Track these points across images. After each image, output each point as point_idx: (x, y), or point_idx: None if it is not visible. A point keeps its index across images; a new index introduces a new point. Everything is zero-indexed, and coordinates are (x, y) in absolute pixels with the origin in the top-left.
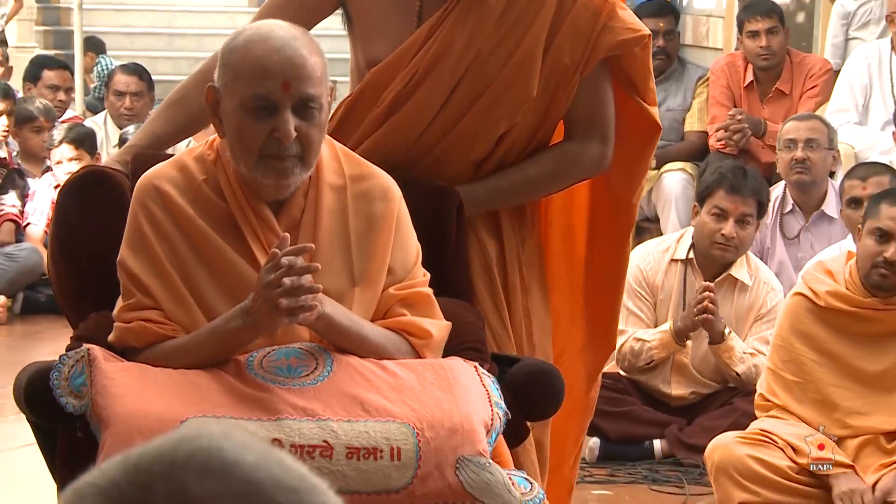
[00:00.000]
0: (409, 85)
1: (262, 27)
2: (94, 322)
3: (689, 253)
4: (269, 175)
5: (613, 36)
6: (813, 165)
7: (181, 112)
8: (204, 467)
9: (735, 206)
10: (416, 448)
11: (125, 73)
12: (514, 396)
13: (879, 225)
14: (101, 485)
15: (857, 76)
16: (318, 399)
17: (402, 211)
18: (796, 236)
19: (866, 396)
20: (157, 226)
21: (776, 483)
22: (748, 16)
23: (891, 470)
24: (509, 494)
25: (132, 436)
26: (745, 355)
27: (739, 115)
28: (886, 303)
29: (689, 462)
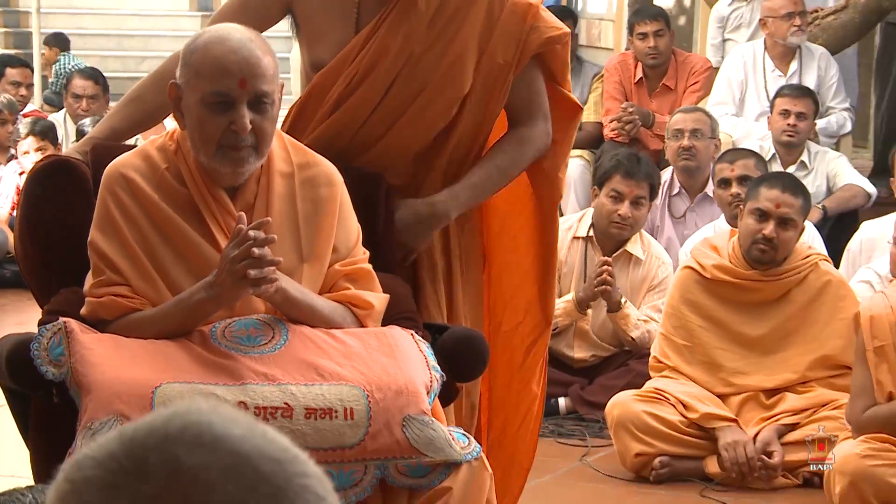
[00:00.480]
0: (349, 86)
1: (221, 30)
2: (63, 297)
3: (589, 231)
4: (227, 163)
5: (540, 35)
6: (697, 153)
7: (137, 109)
8: (195, 440)
9: (630, 189)
10: (367, 408)
11: (82, 78)
12: (445, 360)
13: (759, 205)
14: (98, 457)
15: (734, 73)
16: (277, 365)
17: (344, 195)
18: (683, 216)
19: (748, 358)
20: (125, 210)
21: (668, 435)
22: (637, 19)
23: (769, 423)
24: (451, 448)
25: (111, 400)
26: (639, 322)
27: (630, 108)
28: (765, 274)
29: (591, 417)
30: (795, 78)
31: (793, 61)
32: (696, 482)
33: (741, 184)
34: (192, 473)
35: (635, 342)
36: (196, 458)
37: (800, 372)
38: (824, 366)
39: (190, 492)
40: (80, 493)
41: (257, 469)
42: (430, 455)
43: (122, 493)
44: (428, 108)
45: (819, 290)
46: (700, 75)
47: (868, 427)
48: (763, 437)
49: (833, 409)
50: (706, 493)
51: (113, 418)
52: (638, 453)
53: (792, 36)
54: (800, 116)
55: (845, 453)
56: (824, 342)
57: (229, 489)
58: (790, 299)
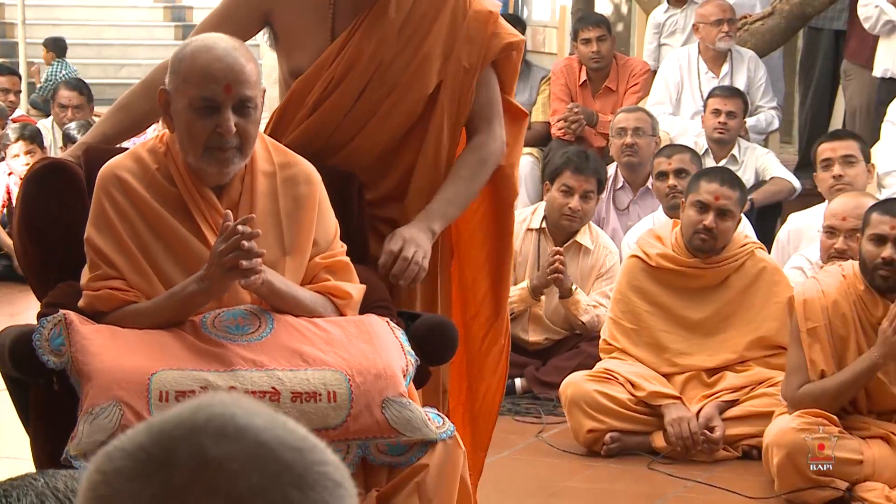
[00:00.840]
0: (326, 90)
1: (207, 39)
2: (61, 291)
3: (541, 223)
4: (213, 164)
5: (500, 41)
6: (640, 149)
7: (127, 116)
8: (220, 431)
9: (580, 183)
10: (349, 392)
11: (68, 89)
12: (418, 345)
13: (699, 198)
14: (128, 448)
15: (671, 75)
16: (264, 352)
17: (323, 193)
18: (626, 208)
19: (690, 340)
20: (119, 208)
21: (618, 413)
22: (581, 26)
23: (711, 400)
24: (427, 428)
25: (111, 387)
26: (588, 307)
27: (576, 108)
28: (705, 262)
29: (545, 396)
30: (727, 79)
31: (724, 64)
32: (644, 455)
33: (677, 176)
34: (218, 463)
35: (585, 326)
36: (221, 448)
37: (738, 352)
38: (761, 346)
39: (216, 480)
40: (111, 483)
41: (279, 458)
42: (408, 434)
43: (151, 483)
44: (395, 109)
45: (755, 276)
46: (639, 77)
47: (802, 403)
48: (705, 413)
49: (769, 387)
50: (653, 466)
51: (112, 403)
52: (590, 429)
53: (720, 41)
54: (730, 115)
55: (782, 427)
56: (760, 324)
57: (253, 478)
58: (729, 285)
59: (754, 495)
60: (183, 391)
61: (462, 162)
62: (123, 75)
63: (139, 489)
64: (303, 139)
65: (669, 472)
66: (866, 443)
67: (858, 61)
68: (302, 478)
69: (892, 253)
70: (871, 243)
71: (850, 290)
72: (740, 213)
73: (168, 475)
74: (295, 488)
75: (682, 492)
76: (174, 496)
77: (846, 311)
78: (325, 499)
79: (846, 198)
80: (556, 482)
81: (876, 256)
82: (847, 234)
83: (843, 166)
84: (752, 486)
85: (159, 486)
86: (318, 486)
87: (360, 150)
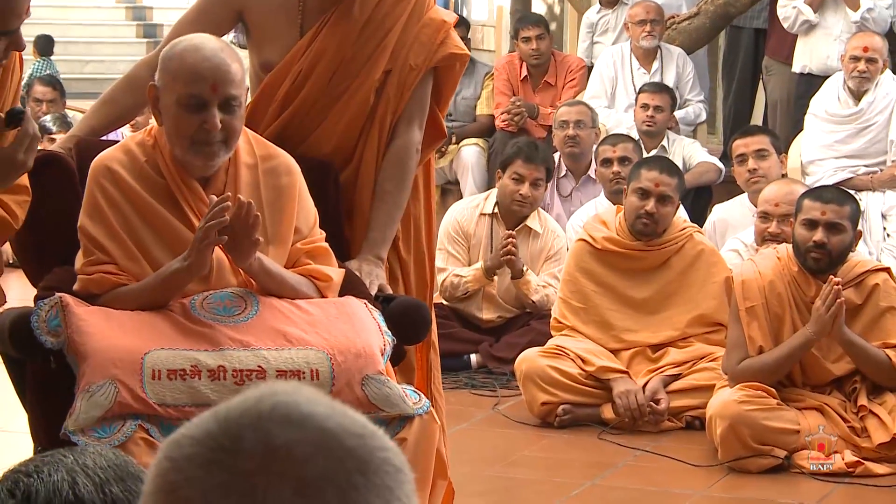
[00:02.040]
0: (295, 83)
1: (195, 39)
2: (56, 275)
3: (494, 209)
4: (199, 157)
5: (447, 49)
6: (581, 140)
7: (112, 110)
8: (285, 419)
9: (530, 172)
10: (331, 369)
11: (42, 84)
12: (394, 326)
13: (640, 185)
14: (197, 435)
15: (605, 70)
16: (250, 333)
17: (302, 183)
18: (569, 195)
19: (635, 317)
20: (110, 198)
21: (569, 386)
22: (522, 25)
23: (656, 374)
24: (404, 404)
25: (106, 366)
26: (538, 287)
27: (518, 102)
28: (648, 245)
29: (499, 371)
30: (657, 75)
31: (655, 61)
32: (594, 426)
33: (621, 164)
34: (286, 449)
35: (535, 304)
36: (288, 434)
37: (680, 329)
38: (701, 323)
39: (285, 466)
40: (181, 470)
41: (343, 444)
42: (387, 410)
43: (220, 469)
44: (352, 99)
45: (694, 257)
46: (576, 73)
47: (742, 377)
48: (651, 387)
49: (710, 362)
50: (603, 436)
51: (108, 381)
52: (543, 402)
53: (643, 40)
54: (657, 109)
55: (724, 400)
56: (700, 303)
57: (320, 463)
58: (670, 266)
59: (699, 463)
60: (174, 370)
61: (386, 175)
62: (88, 71)
63: (208, 475)
64: (278, 131)
65: (618, 442)
66: (802, 413)
67: (779, 58)
68: (366, 463)
69: (822, 237)
70: (803, 228)
71: (784, 271)
72: (679, 199)
73: (237, 461)
74: (359, 473)
75: (631, 461)
76: (243, 481)
77: (781, 291)
78: (387, 483)
79: (778, 185)
80: (513, 452)
81: (808, 240)
82: (780, 219)
83: (757, 160)
84: (696, 454)
85: (228, 472)
86: (380, 471)
87: (320, 140)
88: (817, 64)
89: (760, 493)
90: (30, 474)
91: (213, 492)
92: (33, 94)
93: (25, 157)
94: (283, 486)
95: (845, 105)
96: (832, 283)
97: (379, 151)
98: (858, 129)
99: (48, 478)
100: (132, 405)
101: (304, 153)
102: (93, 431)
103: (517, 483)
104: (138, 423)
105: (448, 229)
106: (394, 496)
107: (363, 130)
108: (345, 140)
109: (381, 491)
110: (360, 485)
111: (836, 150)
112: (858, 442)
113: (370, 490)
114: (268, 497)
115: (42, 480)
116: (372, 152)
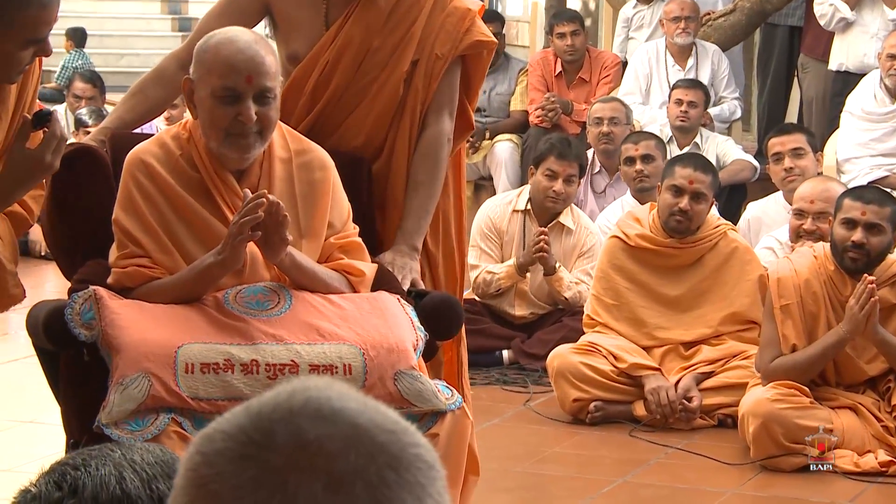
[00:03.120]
0: (322, 75)
1: (229, 32)
2: (90, 268)
3: (527, 205)
4: (234, 149)
5: (472, 37)
6: (615, 137)
7: (140, 102)
8: (317, 414)
9: (563, 168)
10: (364, 365)
11: (82, 81)
12: (426, 321)
13: (674, 182)
14: (228, 430)
15: (640, 67)
16: (283, 327)
17: (336, 178)
18: (603, 191)
19: (667, 315)
20: (144, 192)
21: (601, 383)
22: (557, 21)
23: (688, 371)
24: (437, 399)
25: (139, 359)
26: (571, 284)
27: (552, 98)
28: (681, 242)
29: (530, 367)
30: (692, 72)
31: (689, 57)
32: (626, 423)
33: (644, 161)
34: (318, 444)
35: (568, 301)
36: (319, 429)
37: (713, 327)
38: (734, 321)
39: (315, 461)
40: (213, 464)
41: (374, 439)
42: (419, 405)
43: (252, 463)
44: (381, 91)
45: (728, 255)
46: (610, 69)
47: (775, 375)
48: (683, 385)
49: (743, 360)
50: (634, 433)
51: (141, 374)
52: (575, 399)
53: (677, 37)
54: (691, 105)
55: (757, 398)
56: (733, 300)
57: (351, 458)
58: (703, 263)
59: (731, 461)
60: (207, 363)
61: (418, 166)
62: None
63: (240, 470)
64: (309, 124)
65: (650, 440)
66: (835, 413)
67: (814, 55)
68: (397, 459)
69: (861, 237)
70: (842, 227)
71: (820, 269)
72: (713, 196)
73: (268, 456)
74: (391, 469)
75: (662, 458)
76: (274, 476)
77: (817, 290)
78: (418, 480)
79: (814, 182)
80: (544, 448)
81: (846, 239)
82: (815, 216)
83: (793, 158)
84: (728, 452)
85: (259, 466)
86: (412, 467)
87: (350, 132)
88: (854, 61)
89: (792, 492)
90: (77, 467)
91: (243, 486)
92: (73, 90)
93: (53, 158)
94: (313, 482)
95: (881, 103)
96: (866, 282)
97: (410, 142)
98: (895, 128)
99: (95, 472)
100: (165, 398)
101: (335, 145)
102: (126, 424)
103: (548, 479)
104: (171, 417)
105: (481, 226)
106: (426, 493)
107: (393, 122)
108: (375, 132)
109: (412, 487)
110: (392, 481)
111: (872, 149)
112: (892, 441)
113: (402, 486)
114: (299, 492)
115: (90, 474)
116: (403, 143)
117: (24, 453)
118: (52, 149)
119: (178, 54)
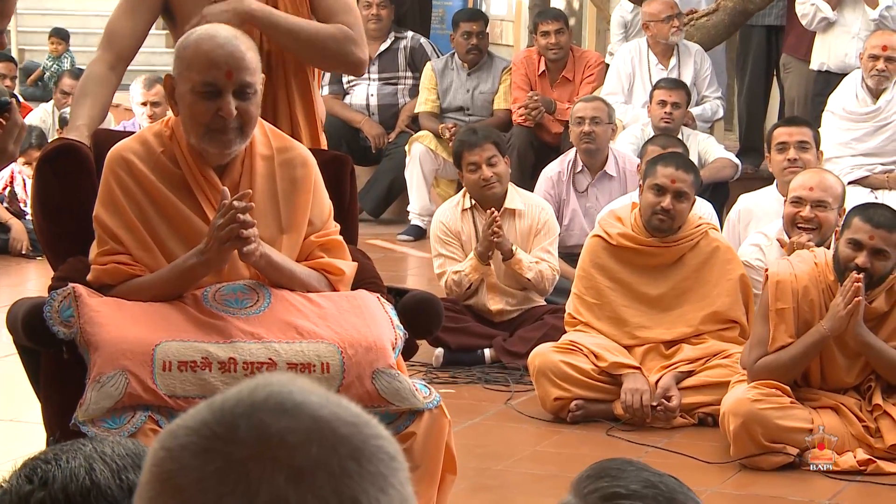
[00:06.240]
0: None
1: (210, 28)
2: (70, 265)
3: (470, 202)
4: (214, 145)
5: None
6: (597, 137)
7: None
8: (279, 408)
9: (479, 155)
10: (341, 363)
11: (71, 78)
12: (406, 319)
13: (656, 182)
14: (192, 425)
15: (623, 67)
16: (261, 325)
17: (317, 175)
18: (585, 190)
19: (648, 314)
20: (125, 188)
21: (582, 382)
22: (541, 20)
23: (669, 370)
24: (415, 398)
25: (117, 357)
26: (531, 264)
27: (536, 97)
28: (663, 242)
29: (512, 366)
30: (675, 72)
31: (672, 57)
32: (606, 422)
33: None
34: (280, 437)
35: (531, 281)
36: (281, 423)
37: (694, 326)
38: (714, 321)
39: (278, 453)
40: (177, 458)
41: (336, 431)
42: (397, 404)
43: (215, 457)
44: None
45: (709, 254)
46: (594, 68)
47: (759, 374)
48: (663, 383)
49: (723, 359)
50: (612, 433)
51: (118, 372)
52: (556, 397)
53: (673, 36)
54: (674, 105)
55: (738, 397)
56: (714, 300)
57: (313, 450)
58: (684, 263)
59: (711, 460)
60: (185, 361)
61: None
62: None
63: (203, 463)
64: None
65: (630, 439)
66: (817, 412)
67: (796, 55)
68: (359, 450)
69: (866, 261)
70: (848, 246)
71: (820, 278)
72: (694, 196)
73: (231, 449)
74: (353, 460)
75: (643, 456)
76: (237, 468)
77: (814, 298)
78: (381, 471)
79: (812, 172)
80: (525, 447)
81: (850, 260)
82: (813, 204)
83: (798, 151)
84: (708, 451)
85: (223, 459)
86: (374, 458)
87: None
88: (835, 61)
89: (772, 491)
90: (48, 461)
91: (207, 479)
92: (62, 86)
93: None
94: (276, 474)
95: (863, 103)
96: (853, 280)
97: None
98: (876, 128)
99: (66, 464)
100: (142, 396)
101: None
102: (103, 422)
103: (528, 478)
104: (148, 415)
105: (437, 233)
106: (388, 483)
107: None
108: None
109: (375, 478)
110: (354, 472)
111: (853, 148)
112: (872, 442)
113: (364, 477)
114: (262, 484)
115: (59, 467)
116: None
117: (5, 451)
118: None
119: (101, 57)
